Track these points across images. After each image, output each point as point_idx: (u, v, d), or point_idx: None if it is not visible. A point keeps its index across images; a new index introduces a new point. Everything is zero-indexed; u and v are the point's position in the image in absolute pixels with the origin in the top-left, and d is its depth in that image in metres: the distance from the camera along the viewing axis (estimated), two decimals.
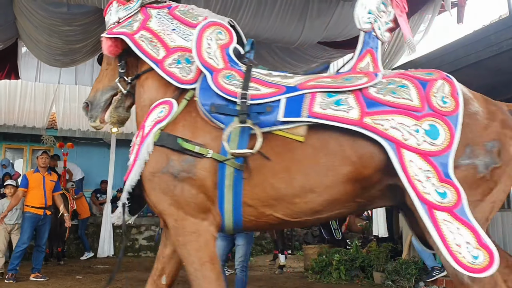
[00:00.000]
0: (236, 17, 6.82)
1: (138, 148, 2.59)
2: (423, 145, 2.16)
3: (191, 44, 2.63)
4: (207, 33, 2.66)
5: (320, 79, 2.47)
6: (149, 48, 2.68)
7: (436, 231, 2.10)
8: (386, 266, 6.81)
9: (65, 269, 9.17)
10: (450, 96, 2.26)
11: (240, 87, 2.41)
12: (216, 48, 2.63)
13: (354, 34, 7.72)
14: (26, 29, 7.86)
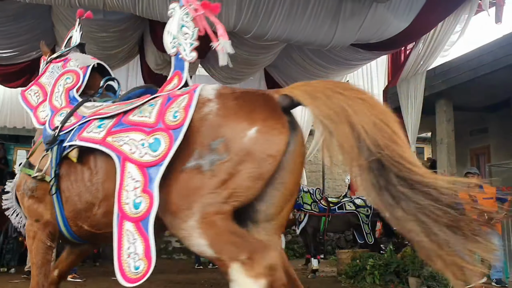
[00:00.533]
0: (268, 21, 6.84)
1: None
2: (144, 157, 2.31)
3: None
4: (60, 80, 3.27)
5: (108, 107, 2.81)
6: (32, 99, 3.31)
7: (117, 241, 2.28)
8: (422, 271, 6.66)
9: (101, 270, 9.34)
10: (182, 110, 2.36)
11: (60, 121, 2.95)
12: (63, 90, 3.19)
13: (387, 35, 7.62)
14: (64, 36, 8.07)
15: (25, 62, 8.78)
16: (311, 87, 2.28)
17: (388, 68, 9.42)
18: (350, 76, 10.67)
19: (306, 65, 9.55)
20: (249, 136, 2.22)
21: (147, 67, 8.88)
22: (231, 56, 8.61)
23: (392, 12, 7.11)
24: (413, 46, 8.49)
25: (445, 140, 7.19)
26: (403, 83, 8.04)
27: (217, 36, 2.76)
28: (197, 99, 2.36)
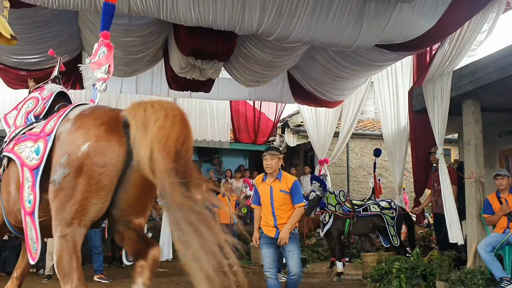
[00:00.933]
0: (291, 22, 6.81)
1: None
2: (32, 161, 2.79)
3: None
4: (25, 104, 3.85)
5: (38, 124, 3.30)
6: (10, 121, 3.81)
7: (24, 231, 2.83)
8: (450, 275, 6.53)
9: (127, 271, 9.43)
10: (54, 121, 2.83)
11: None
12: (24, 113, 3.74)
13: (412, 36, 7.52)
14: (90, 41, 8.22)
15: (52, 67, 8.94)
16: (139, 107, 2.64)
17: (413, 69, 9.29)
18: (374, 77, 10.56)
19: (330, 67, 9.49)
20: (82, 151, 2.55)
21: (171, 71, 8.96)
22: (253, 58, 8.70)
23: (417, 12, 7.01)
24: (439, 46, 8.36)
25: (473, 142, 7.04)
26: (429, 83, 7.91)
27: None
28: (65, 116, 2.81)
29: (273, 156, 5.10)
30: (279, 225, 5.01)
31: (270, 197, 5.08)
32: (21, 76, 8.88)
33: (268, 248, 5.08)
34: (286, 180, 5.06)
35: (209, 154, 15.01)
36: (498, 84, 6.62)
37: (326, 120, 12.35)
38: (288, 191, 5.02)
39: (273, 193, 5.06)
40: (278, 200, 5.04)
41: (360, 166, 14.74)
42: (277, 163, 5.09)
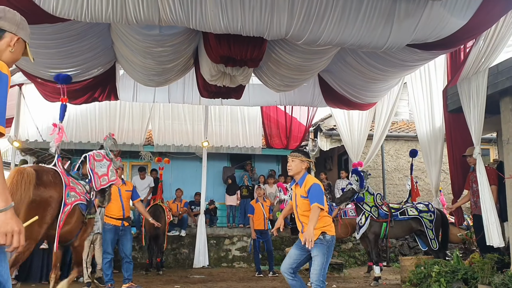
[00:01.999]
0: (320, 25, 6.77)
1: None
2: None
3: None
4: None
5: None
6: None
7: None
8: (493, 278, 6.31)
9: (164, 279, 9.58)
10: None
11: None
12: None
13: (445, 34, 7.35)
14: (123, 53, 8.41)
15: (87, 79, 9.22)
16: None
17: (447, 68, 9.07)
18: (407, 78, 10.38)
19: (362, 69, 9.38)
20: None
21: (202, 79, 9.06)
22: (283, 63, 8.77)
23: (448, 10, 6.86)
24: (473, 43, 8.14)
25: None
26: (464, 82, 7.71)
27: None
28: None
29: (293, 157, 4.99)
30: (305, 232, 4.90)
31: (295, 203, 5.03)
32: (57, 89, 9.15)
33: (295, 250, 5.00)
34: (305, 184, 4.89)
35: (242, 160, 15.07)
36: None
37: (359, 123, 12.23)
38: (306, 196, 4.84)
39: (297, 200, 4.97)
40: (300, 207, 4.93)
41: (395, 168, 14.49)
42: (298, 164, 4.95)
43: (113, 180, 6.32)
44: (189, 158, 14.38)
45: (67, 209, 5.21)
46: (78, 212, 5.56)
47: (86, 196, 5.74)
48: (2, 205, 2.10)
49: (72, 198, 5.35)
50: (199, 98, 10.70)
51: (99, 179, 6.07)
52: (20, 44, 2.50)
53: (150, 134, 14.28)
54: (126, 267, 7.76)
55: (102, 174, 6.15)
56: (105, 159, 6.34)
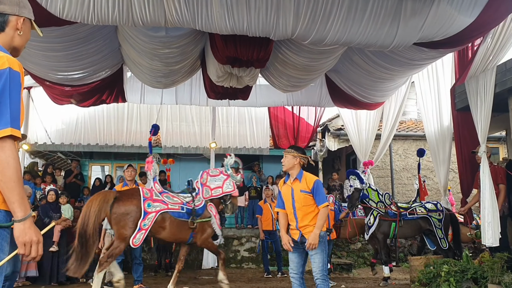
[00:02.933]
0: (326, 25, 6.76)
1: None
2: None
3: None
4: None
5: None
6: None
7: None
8: (503, 278, 6.26)
9: None
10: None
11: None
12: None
13: (452, 32, 7.31)
14: (130, 55, 8.46)
15: (95, 82, 9.28)
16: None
17: (455, 66, 9.02)
18: (415, 77, 10.34)
19: (369, 68, 9.35)
20: None
21: (209, 80, 9.09)
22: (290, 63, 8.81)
23: (455, 7, 6.82)
24: (481, 41, 8.10)
25: None
26: (472, 80, 7.66)
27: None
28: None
29: (286, 153, 5.05)
30: (300, 227, 4.89)
31: (291, 198, 4.97)
32: (65, 91, 9.24)
33: (293, 253, 4.98)
34: (306, 180, 4.94)
35: (249, 161, 15.06)
36: None
37: (367, 123, 12.19)
38: (309, 191, 4.88)
39: (294, 194, 4.95)
40: (299, 201, 4.91)
41: (404, 168, 14.42)
42: (290, 160, 4.99)
43: (228, 191, 7.33)
44: (197, 160, 14.41)
45: (150, 216, 6.58)
46: (171, 218, 6.77)
47: (187, 205, 6.96)
48: (21, 214, 2.06)
49: (154, 208, 6.64)
50: (206, 99, 10.72)
51: (210, 191, 7.22)
52: (26, 24, 2.38)
53: (158, 136, 14.32)
54: (136, 269, 7.78)
55: (215, 186, 7.27)
56: (221, 174, 7.44)
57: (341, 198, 11.83)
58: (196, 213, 6.96)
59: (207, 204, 7.17)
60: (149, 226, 6.55)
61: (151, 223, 6.57)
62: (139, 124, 13.64)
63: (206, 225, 7.12)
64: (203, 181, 7.30)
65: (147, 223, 6.54)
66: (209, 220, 7.13)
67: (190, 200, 7.06)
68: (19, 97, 2.13)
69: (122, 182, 8.67)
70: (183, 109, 13.69)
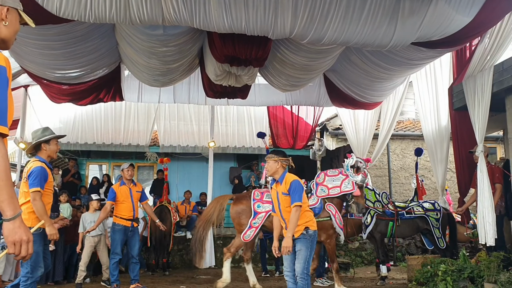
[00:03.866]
0: (324, 25, 6.76)
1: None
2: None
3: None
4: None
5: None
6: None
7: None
8: (499, 277, 6.27)
9: (170, 279, 9.59)
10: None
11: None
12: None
13: (450, 32, 7.31)
14: (127, 53, 8.44)
15: (92, 80, 9.26)
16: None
17: (453, 66, 9.03)
18: (413, 76, 10.34)
19: (367, 68, 9.35)
20: None
21: (207, 79, 9.08)
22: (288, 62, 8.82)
23: (453, 7, 6.82)
24: (478, 41, 8.10)
25: None
26: (469, 80, 7.67)
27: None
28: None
29: (268, 159, 5.19)
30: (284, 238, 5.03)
31: (277, 201, 5.12)
32: (63, 90, 9.21)
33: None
34: (286, 181, 5.05)
35: (248, 160, 15.07)
36: None
37: (365, 122, 12.19)
38: (288, 193, 5.00)
39: (279, 197, 5.10)
40: (282, 203, 5.07)
41: (401, 167, 14.42)
42: (272, 165, 5.13)
43: (347, 191, 7.50)
44: (195, 159, 14.40)
45: (260, 215, 7.44)
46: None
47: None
48: (10, 213, 2.02)
49: (264, 208, 7.46)
50: (204, 98, 10.71)
51: (327, 190, 7.51)
52: (12, 13, 2.25)
53: (155, 135, 14.31)
54: (133, 268, 7.76)
55: (333, 186, 7.51)
56: (340, 174, 7.64)
57: None
58: (313, 212, 6.97)
59: (326, 204, 7.46)
60: (259, 225, 7.41)
61: (261, 221, 7.41)
62: (136, 123, 13.62)
63: (326, 224, 7.38)
64: (320, 181, 7.59)
65: (257, 221, 7.42)
66: (328, 220, 7.39)
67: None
68: (6, 92, 2.05)
69: (120, 180, 8.66)
70: (181, 108, 13.68)
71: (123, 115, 13.47)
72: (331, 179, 7.56)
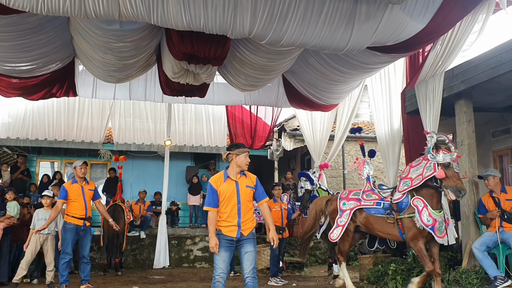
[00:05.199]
0: (283, 26, 6.81)
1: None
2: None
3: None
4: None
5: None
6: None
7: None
8: (445, 275, 6.52)
9: (123, 279, 9.41)
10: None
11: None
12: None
13: (404, 37, 7.53)
14: (82, 48, 8.21)
15: (45, 74, 8.96)
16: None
17: (406, 71, 9.30)
18: (368, 80, 10.57)
19: (324, 70, 9.50)
20: None
21: (164, 76, 8.96)
22: (247, 62, 8.76)
23: (408, 14, 7.03)
24: (431, 47, 8.38)
25: (466, 142, 7.04)
26: (421, 84, 7.92)
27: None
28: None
29: (243, 152, 4.97)
30: (242, 223, 4.82)
31: (237, 193, 4.87)
32: (13, 84, 8.87)
33: (226, 252, 4.79)
34: (250, 176, 5.00)
35: (206, 159, 14.98)
36: (489, 83, 6.64)
37: (321, 124, 12.38)
38: (253, 186, 4.94)
39: (240, 189, 4.89)
40: (244, 196, 4.88)
41: (356, 168, 14.73)
42: (247, 158, 5.04)
43: (428, 175, 6.26)
44: (151, 157, 14.18)
45: (345, 213, 7.19)
46: (367, 214, 7.03)
47: (385, 200, 6.88)
48: None
49: (349, 206, 7.21)
50: (161, 96, 10.56)
51: (410, 182, 6.50)
52: None
53: (110, 132, 13.99)
54: (83, 268, 7.53)
55: (416, 175, 6.46)
56: (423, 160, 6.46)
57: (295, 197, 11.95)
58: (399, 208, 6.62)
59: (413, 198, 6.41)
60: (345, 223, 7.15)
61: (346, 220, 7.15)
62: (90, 119, 13.26)
63: (411, 222, 6.40)
64: (404, 175, 6.74)
65: (343, 220, 7.19)
66: (413, 216, 6.35)
67: (388, 194, 6.89)
68: None
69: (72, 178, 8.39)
70: (137, 105, 13.44)
71: (77, 111, 13.09)
72: (415, 169, 6.54)
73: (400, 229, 6.59)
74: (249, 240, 4.83)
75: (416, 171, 6.47)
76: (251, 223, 4.88)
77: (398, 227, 6.60)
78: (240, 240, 4.82)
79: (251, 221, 4.89)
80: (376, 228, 6.96)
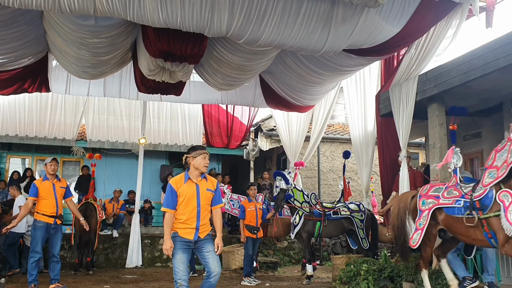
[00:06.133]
0: (260, 26, 6.82)
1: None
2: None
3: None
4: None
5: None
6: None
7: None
8: (416, 276, 6.63)
9: (94, 279, 9.26)
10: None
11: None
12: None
13: (379, 41, 7.63)
14: (56, 43, 8.05)
15: (16, 69, 8.76)
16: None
17: (381, 74, 9.44)
18: (343, 82, 10.69)
19: (301, 71, 9.55)
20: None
21: (140, 73, 8.85)
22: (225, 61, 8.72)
23: (383, 17, 7.12)
24: (405, 51, 8.52)
25: (438, 145, 7.18)
26: (395, 88, 8.05)
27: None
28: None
29: (206, 154, 4.97)
30: (201, 226, 4.77)
31: (197, 196, 4.82)
32: None
33: (184, 253, 4.73)
34: (210, 179, 4.99)
35: (181, 158, 14.73)
36: (461, 88, 6.78)
37: (297, 125, 12.44)
38: (213, 189, 4.92)
39: (200, 192, 4.84)
40: (204, 199, 4.85)
41: (330, 169, 14.87)
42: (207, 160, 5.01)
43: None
44: (125, 155, 14.00)
45: (424, 214, 5.89)
46: (446, 215, 5.69)
47: (465, 197, 5.44)
48: None
49: (428, 205, 5.90)
50: (136, 93, 10.44)
51: (497, 171, 5.09)
52: None
53: (83, 129, 13.76)
54: (53, 267, 7.37)
55: (502, 163, 5.08)
56: (508, 141, 5.10)
57: (270, 197, 11.98)
58: (482, 205, 5.22)
59: (499, 192, 5.05)
60: (424, 225, 5.81)
61: (426, 222, 5.80)
62: (63, 115, 13.00)
63: (499, 221, 5.01)
64: (489, 163, 5.30)
65: (422, 222, 5.86)
66: (499, 215, 5.02)
67: (469, 190, 5.46)
68: None
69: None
70: (112, 102, 13.24)
71: (49, 107, 12.82)
72: (500, 154, 5.18)
73: (486, 232, 5.19)
74: (207, 241, 4.79)
75: (501, 157, 5.11)
76: (207, 226, 4.85)
77: (484, 229, 5.19)
78: (197, 242, 4.77)
79: (208, 225, 4.86)
80: (457, 232, 5.63)
